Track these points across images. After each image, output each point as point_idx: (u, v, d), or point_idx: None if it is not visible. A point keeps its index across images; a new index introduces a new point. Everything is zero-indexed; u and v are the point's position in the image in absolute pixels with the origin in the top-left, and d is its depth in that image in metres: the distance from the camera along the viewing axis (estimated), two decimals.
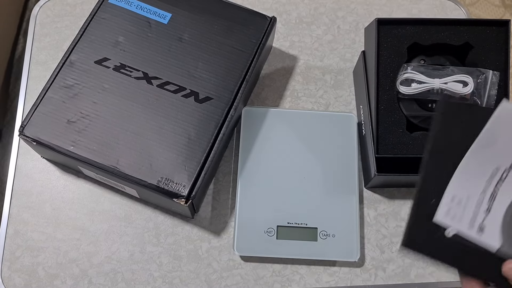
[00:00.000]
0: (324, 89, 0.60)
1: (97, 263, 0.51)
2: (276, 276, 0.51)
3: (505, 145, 0.35)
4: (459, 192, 0.35)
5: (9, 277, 0.51)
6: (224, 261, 0.52)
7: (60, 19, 0.62)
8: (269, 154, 0.54)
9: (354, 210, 0.52)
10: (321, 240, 0.51)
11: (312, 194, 0.52)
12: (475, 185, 0.35)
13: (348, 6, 0.65)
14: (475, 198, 0.35)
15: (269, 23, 0.55)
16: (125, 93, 0.50)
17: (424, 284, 0.52)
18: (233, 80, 0.52)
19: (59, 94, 0.50)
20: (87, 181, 0.55)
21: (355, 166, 0.54)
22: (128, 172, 0.47)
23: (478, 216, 0.34)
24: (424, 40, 0.51)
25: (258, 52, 0.53)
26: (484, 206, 0.34)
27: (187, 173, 0.47)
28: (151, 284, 0.51)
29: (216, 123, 0.50)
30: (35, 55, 0.60)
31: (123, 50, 0.52)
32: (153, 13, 0.54)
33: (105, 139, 0.48)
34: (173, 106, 0.50)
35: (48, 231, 0.52)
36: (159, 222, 0.53)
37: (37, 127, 0.49)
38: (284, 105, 0.59)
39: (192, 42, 0.53)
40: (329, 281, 0.51)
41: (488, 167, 0.35)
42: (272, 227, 0.51)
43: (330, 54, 0.62)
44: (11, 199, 0.54)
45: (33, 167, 0.55)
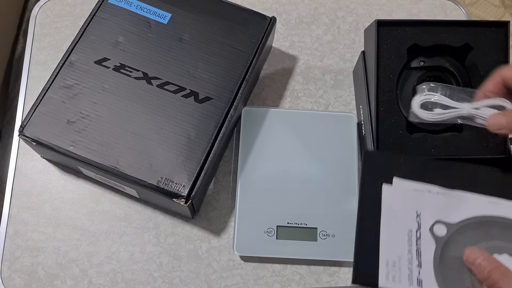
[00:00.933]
0: (324, 89, 0.60)
1: (97, 263, 0.51)
2: (276, 276, 0.51)
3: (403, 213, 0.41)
4: (390, 255, 0.40)
5: (9, 277, 0.51)
6: (224, 261, 0.52)
7: (60, 19, 0.62)
8: (269, 154, 0.54)
9: (354, 210, 0.52)
10: (321, 240, 0.51)
11: (312, 194, 0.52)
12: (401, 247, 0.40)
13: (348, 6, 0.65)
14: (405, 257, 0.40)
15: (269, 23, 0.55)
16: (125, 93, 0.50)
17: None
18: (233, 80, 0.52)
19: (59, 94, 0.50)
20: (87, 181, 0.55)
21: (355, 166, 0.54)
22: (128, 172, 0.47)
23: (414, 272, 0.39)
24: (424, 41, 0.51)
25: (258, 52, 0.53)
26: (415, 262, 0.39)
27: (187, 173, 0.47)
28: (151, 284, 0.51)
29: (216, 123, 0.50)
30: (35, 55, 0.60)
31: (123, 50, 0.52)
32: (153, 13, 0.54)
33: (105, 139, 0.48)
34: (173, 106, 0.50)
35: (48, 231, 0.52)
36: (159, 222, 0.53)
37: (37, 127, 0.49)
38: (284, 105, 0.59)
39: (192, 42, 0.53)
40: (329, 281, 0.51)
41: (403, 231, 0.41)
42: (272, 227, 0.51)
43: (330, 54, 0.62)
44: (11, 199, 0.54)
45: (33, 167, 0.55)
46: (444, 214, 0.41)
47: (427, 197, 0.42)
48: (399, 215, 0.41)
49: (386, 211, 0.42)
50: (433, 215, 0.41)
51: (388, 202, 0.42)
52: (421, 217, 0.41)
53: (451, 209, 0.42)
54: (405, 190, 0.43)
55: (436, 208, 0.42)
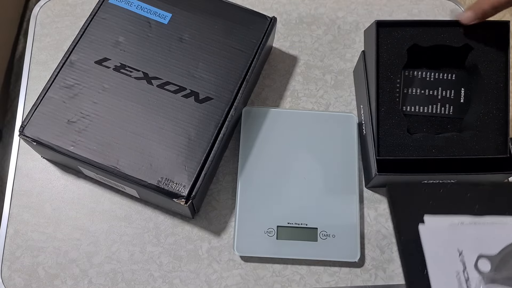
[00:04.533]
0: (325, 89, 0.60)
1: (97, 263, 0.51)
2: (276, 276, 0.51)
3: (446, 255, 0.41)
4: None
5: (9, 277, 0.51)
6: (224, 261, 0.52)
7: (61, 19, 0.62)
8: (269, 154, 0.54)
9: (355, 210, 0.52)
10: (321, 240, 0.51)
11: (312, 194, 0.52)
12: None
13: (348, 6, 0.65)
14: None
15: (269, 23, 0.55)
16: (125, 93, 0.50)
17: None
18: (233, 80, 0.52)
19: (59, 94, 0.50)
20: (87, 181, 0.55)
21: (355, 166, 0.54)
22: (128, 172, 0.47)
23: None
24: (424, 41, 0.51)
25: (258, 52, 0.53)
26: None
27: (187, 173, 0.47)
28: (151, 284, 0.51)
29: (216, 123, 0.50)
30: (36, 55, 0.60)
31: (123, 50, 0.52)
32: (153, 13, 0.54)
33: (105, 139, 0.48)
34: (173, 106, 0.50)
35: (48, 231, 0.52)
36: (159, 222, 0.53)
37: (37, 127, 0.49)
38: (284, 105, 0.59)
39: (192, 42, 0.53)
40: (329, 281, 0.51)
41: (452, 275, 0.40)
42: (272, 227, 0.51)
43: (330, 54, 0.62)
44: (11, 199, 0.54)
45: (33, 167, 0.55)
46: (483, 246, 0.41)
47: (463, 230, 0.42)
48: (442, 257, 0.41)
49: (430, 255, 0.41)
50: (474, 250, 0.41)
51: (428, 244, 0.41)
52: (464, 254, 0.41)
53: (489, 238, 0.41)
54: (440, 227, 0.42)
55: (474, 241, 0.41)
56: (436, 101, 0.54)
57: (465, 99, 0.53)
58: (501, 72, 0.50)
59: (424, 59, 0.53)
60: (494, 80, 0.50)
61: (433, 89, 0.54)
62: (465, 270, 0.40)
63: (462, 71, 0.53)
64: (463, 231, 0.42)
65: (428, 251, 0.41)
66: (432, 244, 0.41)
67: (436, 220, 0.43)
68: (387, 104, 0.51)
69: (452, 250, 0.41)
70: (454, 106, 0.53)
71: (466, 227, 0.42)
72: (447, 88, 0.54)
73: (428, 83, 0.54)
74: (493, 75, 0.50)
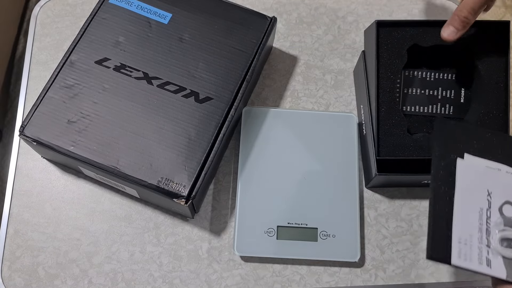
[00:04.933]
0: (325, 89, 0.60)
1: (97, 263, 0.51)
2: (277, 277, 0.51)
3: (475, 191, 0.42)
4: (462, 233, 0.40)
5: (9, 277, 0.51)
6: (224, 261, 0.52)
7: (61, 19, 0.62)
8: (270, 154, 0.54)
9: (355, 210, 0.52)
10: (322, 241, 0.51)
11: (313, 194, 0.52)
12: (472, 224, 0.41)
13: (348, 6, 0.65)
14: (475, 236, 0.40)
15: (270, 23, 0.55)
16: (126, 93, 0.50)
17: (424, 284, 0.52)
18: (233, 80, 0.52)
19: (59, 94, 0.50)
20: (87, 181, 0.55)
21: (355, 166, 0.54)
22: (128, 172, 0.47)
23: (483, 252, 0.40)
24: (424, 41, 0.51)
25: (259, 52, 0.53)
26: (484, 242, 0.40)
27: (187, 173, 0.47)
28: (151, 284, 0.51)
29: (216, 123, 0.50)
30: (36, 55, 0.60)
31: (124, 50, 0.52)
32: (154, 13, 0.54)
33: (105, 139, 0.48)
34: (173, 106, 0.50)
35: (48, 231, 0.52)
36: (159, 222, 0.53)
37: (37, 127, 0.49)
38: (284, 105, 0.59)
39: (193, 42, 0.53)
40: (329, 282, 0.51)
41: (475, 209, 0.41)
42: (272, 227, 0.51)
43: (330, 54, 0.62)
44: (11, 199, 0.54)
45: (33, 167, 0.55)
46: None
47: (497, 176, 0.43)
48: (471, 192, 0.42)
49: (460, 186, 0.42)
50: (503, 195, 0.42)
51: (462, 177, 0.42)
52: (492, 195, 0.42)
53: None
54: (477, 166, 0.43)
55: (506, 187, 0.42)
56: (436, 101, 0.54)
57: (465, 99, 0.53)
58: (501, 72, 0.50)
59: (424, 59, 0.53)
60: (494, 80, 0.50)
61: (433, 89, 0.54)
62: (489, 209, 0.41)
63: (462, 71, 0.53)
64: (497, 176, 0.43)
65: (460, 183, 0.42)
66: (465, 178, 0.42)
67: (475, 159, 0.44)
68: (387, 104, 0.50)
69: (482, 188, 0.42)
70: (454, 106, 0.53)
71: (502, 174, 0.43)
72: (447, 88, 0.54)
73: (428, 83, 0.54)
74: (493, 75, 0.50)
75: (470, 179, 0.43)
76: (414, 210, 0.55)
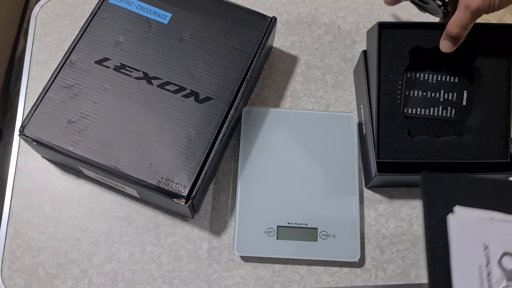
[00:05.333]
0: (325, 89, 0.60)
1: (97, 263, 0.51)
2: (276, 277, 0.51)
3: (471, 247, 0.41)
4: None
5: (9, 277, 0.51)
6: (224, 261, 0.52)
7: (61, 19, 0.62)
8: (270, 154, 0.54)
9: (355, 210, 0.52)
10: (321, 241, 0.51)
11: (312, 194, 0.52)
12: (473, 285, 0.40)
13: (348, 6, 0.65)
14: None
15: (270, 23, 0.55)
16: (125, 93, 0.50)
17: (424, 284, 0.52)
18: (233, 80, 0.52)
19: (59, 94, 0.50)
20: (87, 181, 0.55)
21: (355, 166, 0.54)
22: (128, 172, 0.47)
23: None
24: (427, 43, 0.51)
25: (259, 52, 0.53)
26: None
27: (187, 173, 0.47)
28: (151, 284, 0.51)
29: (216, 123, 0.50)
30: (36, 55, 0.60)
31: (124, 50, 0.52)
32: (154, 13, 0.54)
33: (105, 139, 0.48)
34: (173, 106, 0.50)
35: (48, 231, 0.52)
36: (159, 222, 0.53)
37: (37, 127, 0.49)
38: (284, 105, 0.59)
39: (193, 42, 0.53)
40: (329, 282, 0.51)
41: (474, 268, 0.40)
42: (272, 227, 0.51)
43: (330, 54, 0.62)
44: (11, 199, 0.54)
45: (33, 167, 0.55)
46: (510, 244, 0.41)
47: (491, 226, 0.42)
48: (467, 249, 0.41)
49: (455, 245, 0.41)
50: (500, 246, 0.41)
51: (455, 235, 0.41)
52: (489, 249, 0.41)
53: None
54: (470, 220, 0.42)
55: (502, 238, 0.41)
56: (438, 103, 0.53)
57: (467, 102, 0.53)
58: (504, 75, 0.50)
59: (426, 61, 0.53)
60: (496, 84, 0.50)
61: (435, 92, 0.53)
62: (489, 264, 0.40)
63: (464, 74, 0.53)
64: (491, 226, 0.42)
65: (454, 241, 0.41)
66: (459, 235, 0.41)
67: (467, 212, 0.43)
68: (387, 106, 0.50)
69: (478, 243, 0.41)
70: (456, 109, 0.53)
71: (495, 223, 0.42)
72: (449, 91, 0.53)
73: (430, 85, 0.54)
74: (496, 78, 0.50)
75: (464, 236, 0.41)
76: (414, 210, 0.55)
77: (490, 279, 0.40)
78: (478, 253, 0.41)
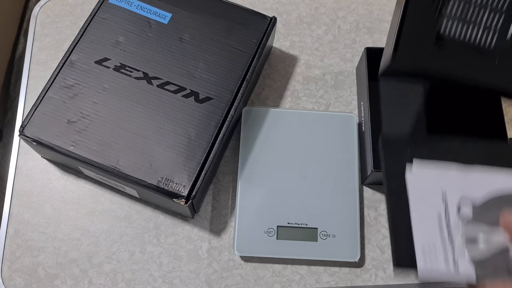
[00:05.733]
0: (325, 89, 0.60)
1: (97, 263, 0.51)
2: (276, 277, 0.51)
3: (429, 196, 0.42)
4: (424, 241, 0.40)
5: (9, 277, 0.51)
6: (224, 261, 0.52)
7: (61, 19, 0.62)
8: (270, 154, 0.54)
9: (355, 210, 0.52)
10: (321, 241, 0.51)
11: (313, 195, 0.52)
12: (433, 231, 0.41)
13: (348, 6, 0.65)
14: (438, 241, 0.40)
15: (269, 23, 0.55)
16: (125, 93, 0.50)
17: (424, 284, 0.52)
18: (233, 80, 0.52)
19: (59, 94, 0.50)
20: (87, 181, 0.55)
21: (355, 166, 0.54)
22: (128, 172, 0.47)
23: (449, 254, 0.40)
24: None
25: (259, 52, 0.53)
26: (448, 245, 0.40)
27: (187, 173, 0.47)
28: (151, 284, 0.51)
29: (216, 123, 0.50)
30: (36, 55, 0.60)
31: (123, 50, 0.52)
32: (153, 13, 0.54)
33: (105, 139, 0.48)
34: (173, 106, 0.50)
35: (48, 231, 0.52)
36: (159, 222, 0.53)
37: (37, 127, 0.49)
38: (284, 105, 0.59)
39: (192, 42, 0.53)
40: (329, 281, 0.51)
41: (433, 216, 0.41)
42: (272, 227, 0.51)
43: (330, 54, 0.62)
44: (11, 199, 0.54)
45: (33, 167, 0.55)
46: (467, 192, 0.42)
47: (448, 175, 0.43)
48: (425, 198, 0.42)
49: (413, 195, 0.42)
50: (457, 194, 0.42)
51: (413, 186, 0.43)
52: (447, 196, 0.42)
53: (474, 186, 0.42)
54: (427, 171, 0.43)
55: (459, 186, 0.42)
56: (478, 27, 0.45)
57: None
58: None
59: None
60: None
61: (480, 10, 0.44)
62: (447, 211, 0.41)
63: None
64: (449, 174, 0.43)
65: (412, 190, 0.42)
66: (416, 185, 0.43)
67: (424, 164, 0.44)
68: None
69: (435, 192, 0.42)
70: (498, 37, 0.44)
71: (452, 173, 0.43)
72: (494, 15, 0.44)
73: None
74: None
75: (421, 185, 0.42)
76: None
77: (449, 225, 0.41)
78: (436, 199, 0.42)
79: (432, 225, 0.41)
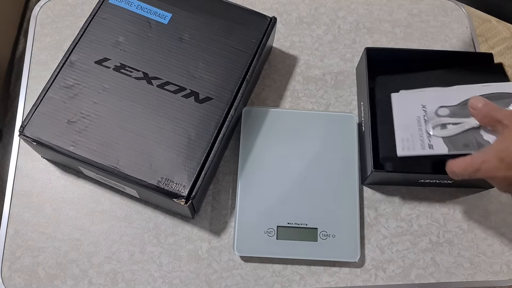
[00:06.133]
0: (325, 89, 0.60)
1: (97, 263, 0.51)
2: (276, 277, 0.51)
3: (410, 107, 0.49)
4: (404, 134, 0.48)
5: (9, 277, 0.51)
6: (224, 261, 0.52)
7: (61, 19, 0.62)
8: (269, 154, 0.54)
9: (355, 210, 0.52)
10: (321, 241, 0.51)
11: (312, 195, 0.52)
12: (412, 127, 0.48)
13: (348, 6, 0.65)
14: (416, 133, 0.48)
15: (269, 23, 0.55)
16: (125, 93, 0.50)
17: (424, 284, 0.52)
18: (233, 80, 0.52)
19: (59, 94, 0.50)
20: (87, 181, 0.55)
21: (355, 166, 0.54)
22: (128, 172, 0.47)
23: (425, 140, 0.47)
24: None
25: (259, 52, 0.53)
26: (425, 134, 0.47)
27: (187, 173, 0.47)
28: (151, 284, 0.51)
29: (216, 123, 0.50)
30: (36, 55, 0.60)
31: (123, 50, 0.52)
32: (153, 13, 0.54)
33: (105, 139, 0.48)
34: (173, 106, 0.50)
35: (48, 231, 0.52)
36: (159, 222, 0.53)
37: (37, 127, 0.49)
38: (284, 105, 0.59)
39: (192, 42, 0.53)
40: (329, 282, 0.51)
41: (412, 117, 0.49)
42: (272, 227, 0.51)
43: (330, 54, 0.62)
44: (11, 199, 0.54)
45: (33, 167, 0.55)
46: (445, 101, 0.49)
47: (429, 93, 0.50)
48: (408, 109, 0.49)
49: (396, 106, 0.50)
50: (436, 103, 0.49)
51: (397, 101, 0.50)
52: (427, 107, 0.49)
53: (450, 96, 0.49)
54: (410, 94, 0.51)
55: (437, 98, 0.49)
56: None
57: None
58: None
59: None
60: None
61: None
62: (426, 115, 0.48)
63: None
64: (429, 93, 0.50)
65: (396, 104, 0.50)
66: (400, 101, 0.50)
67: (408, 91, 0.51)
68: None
69: (416, 103, 0.49)
70: None
71: (433, 91, 0.50)
72: None
73: None
74: None
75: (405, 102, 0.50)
76: (414, 210, 0.55)
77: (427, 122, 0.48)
78: (417, 110, 0.49)
79: (412, 123, 0.48)
